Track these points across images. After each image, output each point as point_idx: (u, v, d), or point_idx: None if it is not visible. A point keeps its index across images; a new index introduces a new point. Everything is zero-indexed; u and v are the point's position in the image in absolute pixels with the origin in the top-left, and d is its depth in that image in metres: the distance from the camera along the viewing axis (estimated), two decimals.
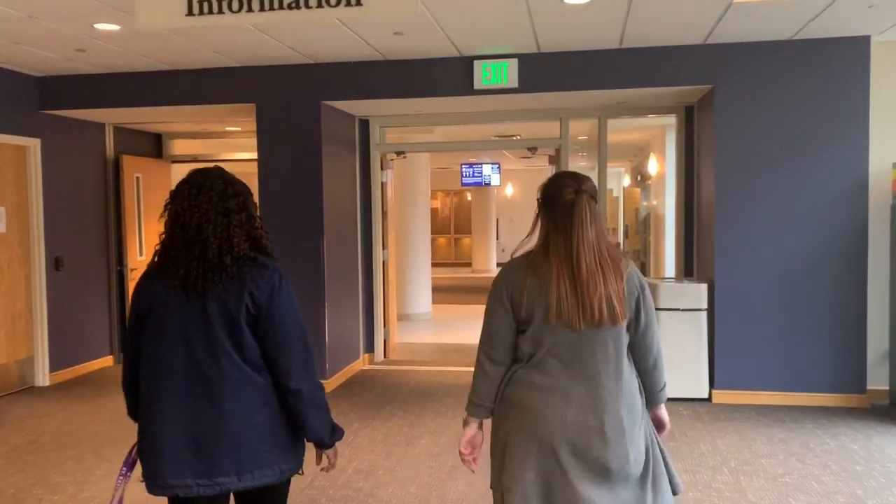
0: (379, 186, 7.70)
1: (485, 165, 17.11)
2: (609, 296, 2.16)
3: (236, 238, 2.20)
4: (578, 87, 6.16)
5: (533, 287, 2.21)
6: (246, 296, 2.16)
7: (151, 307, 2.23)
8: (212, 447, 2.15)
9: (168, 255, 2.21)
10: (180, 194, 2.24)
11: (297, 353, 2.21)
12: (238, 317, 2.15)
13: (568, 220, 2.21)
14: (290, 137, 6.52)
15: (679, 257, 7.16)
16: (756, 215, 5.95)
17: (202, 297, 2.17)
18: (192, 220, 2.18)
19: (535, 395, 2.20)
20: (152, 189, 8.34)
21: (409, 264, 10.84)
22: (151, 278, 2.26)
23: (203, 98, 6.64)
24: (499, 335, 2.27)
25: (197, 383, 2.16)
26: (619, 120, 7.39)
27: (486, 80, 6.15)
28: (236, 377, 2.17)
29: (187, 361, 2.17)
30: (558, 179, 2.33)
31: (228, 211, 2.21)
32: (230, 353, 2.16)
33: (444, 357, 8.08)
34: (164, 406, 2.17)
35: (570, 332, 2.18)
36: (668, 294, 6.07)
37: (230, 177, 2.30)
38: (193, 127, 8.35)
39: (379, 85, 6.40)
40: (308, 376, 2.24)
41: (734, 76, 5.94)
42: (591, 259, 2.18)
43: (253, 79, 6.54)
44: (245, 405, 2.17)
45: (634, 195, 12.86)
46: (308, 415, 2.24)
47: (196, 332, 2.17)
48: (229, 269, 2.16)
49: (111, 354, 7.87)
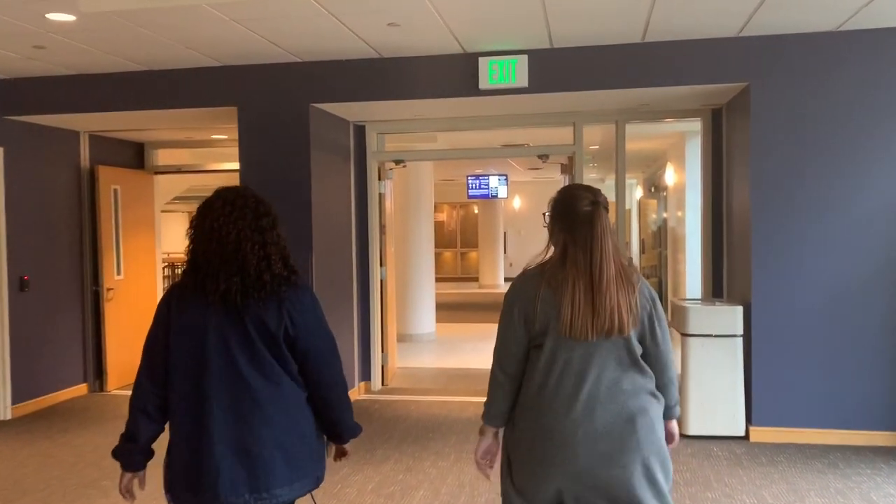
0: (376, 198, 7.06)
1: (492, 177, 16.57)
2: (621, 307, 2.18)
3: (273, 256, 2.24)
4: (595, 86, 5.51)
5: (547, 299, 2.22)
6: (285, 316, 2.21)
7: (188, 326, 2.22)
8: (265, 460, 2.18)
9: (203, 270, 2.21)
10: (213, 210, 2.23)
11: (335, 368, 2.32)
12: (277, 335, 2.20)
13: (588, 233, 2.22)
14: (276, 143, 5.89)
15: (706, 276, 6.47)
16: (799, 229, 5.27)
17: (240, 313, 2.19)
18: (230, 237, 2.19)
19: (548, 406, 2.20)
20: (132, 202, 7.73)
21: (412, 281, 10.18)
22: (184, 294, 2.25)
23: (180, 101, 6.02)
24: (511, 348, 2.28)
25: (245, 398, 2.18)
26: (634, 127, 6.70)
27: (493, 80, 5.50)
28: (281, 390, 2.22)
29: (233, 377, 2.18)
30: (572, 191, 2.34)
31: (262, 229, 2.24)
32: (274, 366, 2.21)
33: (448, 384, 7.40)
34: (213, 423, 2.17)
35: (584, 344, 2.19)
36: (698, 318, 5.38)
37: (260, 196, 2.33)
38: (176, 135, 7.75)
39: (373, 85, 5.76)
40: (344, 387, 2.38)
41: (772, 73, 5.27)
42: (611, 270, 2.20)
43: (234, 79, 5.92)
44: (291, 417, 2.23)
45: (651, 207, 12.17)
46: (346, 419, 2.38)
47: (238, 348, 2.19)
48: (267, 287, 2.19)
49: (85, 382, 7.22)
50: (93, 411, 6.55)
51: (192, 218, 2.28)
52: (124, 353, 7.48)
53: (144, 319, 8.14)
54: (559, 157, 7.23)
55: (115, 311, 7.36)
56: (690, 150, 9.16)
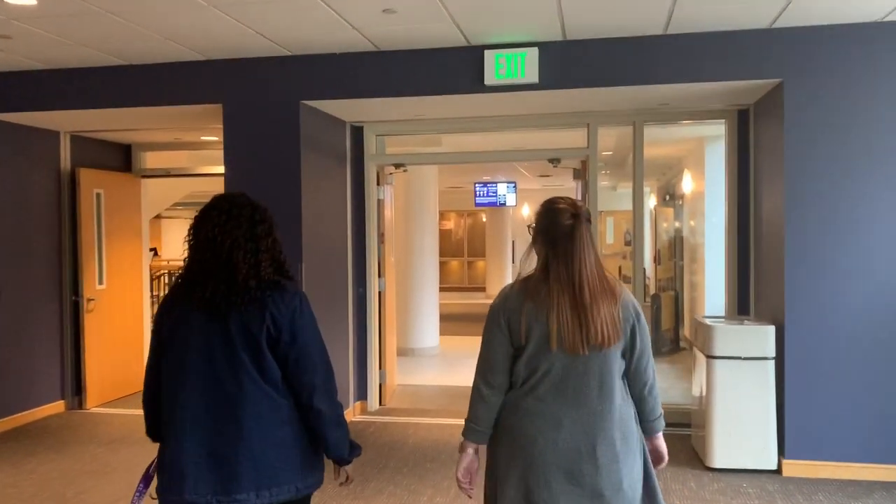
0: (375, 205, 6.58)
1: (500, 184, 16.10)
2: (604, 321, 2.19)
3: (263, 263, 2.25)
4: (612, 82, 5.02)
5: (531, 312, 2.22)
6: (267, 318, 2.20)
7: (174, 328, 2.27)
8: (232, 465, 2.17)
9: (195, 277, 2.25)
10: (210, 220, 2.26)
11: (318, 374, 2.26)
12: (259, 338, 2.20)
13: (568, 246, 2.23)
14: (263, 144, 5.42)
15: (730, 291, 5.96)
16: (838, 242, 4.75)
17: (224, 319, 2.21)
18: (224, 246, 2.23)
19: (528, 420, 2.23)
20: (118, 207, 7.28)
21: (414, 293, 9.69)
22: (174, 300, 2.31)
23: (161, 98, 5.57)
24: (496, 361, 2.28)
25: (219, 402, 2.19)
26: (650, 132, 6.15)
27: (500, 75, 5.02)
28: (257, 396, 2.20)
29: (209, 380, 2.20)
30: (553, 204, 2.33)
31: (257, 237, 2.26)
32: (251, 372, 2.20)
33: (451, 404, 6.89)
34: (186, 424, 2.20)
35: (564, 357, 2.20)
36: (725, 339, 4.87)
37: (256, 203, 2.33)
38: (164, 136, 7.30)
39: (369, 81, 5.29)
40: (329, 396, 2.29)
41: (808, 69, 4.77)
42: (594, 284, 2.21)
43: (218, 74, 5.46)
44: (265, 424, 2.20)
45: (666, 216, 11.65)
46: (329, 433, 2.29)
47: (218, 352, 2.20)
48: (252, 292, 2.21)
49: (62, 399, 6.76)
50: (68, 432, 6.08)
51: (190, 227, 2.32)
52: (106, 367, 7.02)
53: (129, 331, 7.79)
54: (571, 161, 6.73)
55: (96, 322, 6.90)
56: (711, 156, 8.66)
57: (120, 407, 6.90)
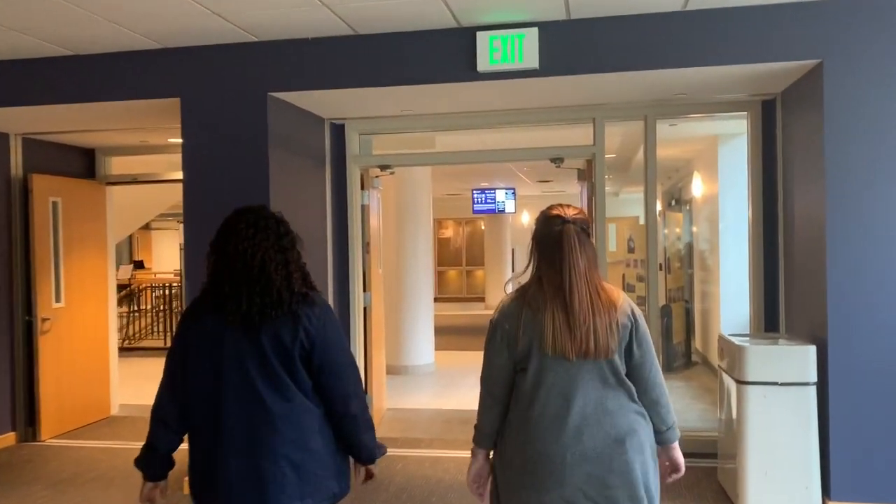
0: (358, 211, 5.93)
1: (498, 191, 15.52)
2: (597, 328, 2.18)
3: (294, 275, 2.30)
4: (624, 66, 4.38)
5: (528, 319, 2.24)
6: (300, 330, 2.24)
7: (204, 341, 2.28)
8: (276, 475, 2.21)
9: (225, 291, 2.26)
10: (238, 233, 2.28)
11: (350, 381, 2.32)
12: (293, 350, 2.24)
13: (557, 251, 2.24)
14: (226, 143, 4.78)
15: (755, 303, 5.32)
16: (890, 248, 4.10)
17: (257, 331, 2.23)
18: (256, 259, 2.25)
19: (533, 436, 2.20)
20: (79, 217, 6.63)
21: (407, 306, 9.02)
22: (202, 312, 2.32)
23: (112, 92, 4.93)
24: (499, 373, 2.30)
25: (257, 414, 2.22)
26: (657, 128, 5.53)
27: (494, 60, 4.38)
28: (292, 407, 2.24)
29: (246, 392, 2.23)
30: (546, 212, 2.36)
31: (284, 249, 2.31)
32: (286, 384, 2.24)
33: (446, 432, 6.22)
34: (227, 438, 2.22)
35: (567, 366, 2.19)
36: (758, 361, 4.20)
37: (279, 215, 2.38)
38: (129, 139, 6.65)
39: (345, 69, 4.65)
40: (361, 402, 2.34)
41: (854, 47, 4.13)
42: (582, 290, 2.21)
43: (176, 64, 4.82)
44: (302, 433, 2.24)
45: (673, 222, 11.01)
46: (363, 437, 2.35)
47: (252, 365, 2.23)
48: (286, 305, 2.24)
49: (13, 430, 6.08)
50: (17, 467, 5.42)
51: (213, 240, 2.34)
52: (64, 394, 6.36)
53: (92, 353, 7.00)
54: (575, 161, 6.09)
55: (52, 344, 6.24)
56: (725, 156, 8.04)
57: (80, 437, 6.24)
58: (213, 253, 2.33)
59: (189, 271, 4.87)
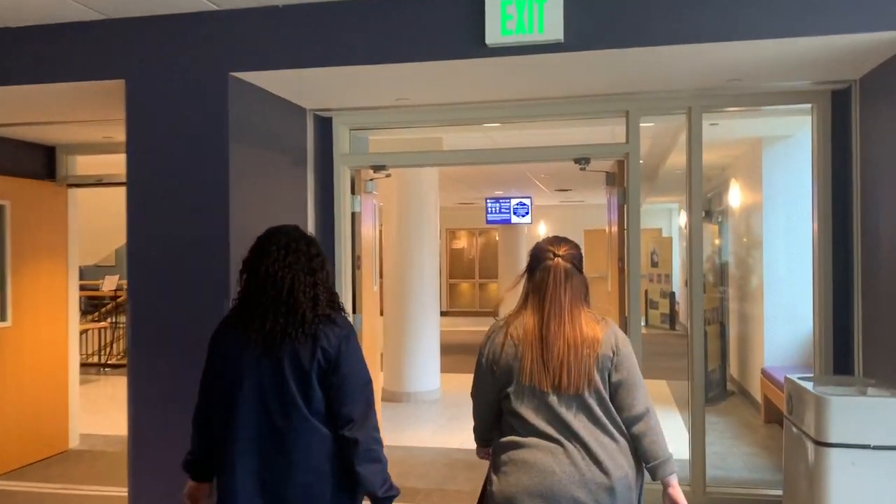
0: (347, 219, 5.05)
1: (513, 199, 14.63)
2: (570, 363, 2.24)
3: (321, 297, 2.34)
4: (669, 38, 3.47)
5: (510, 347, 2.32)
6: (318, 352, 2.28)
7: (226, 358, 2.36)
8: (282, 496, 2.26)
9: (251, 310, 2.32)
10: (269, 255, 2.35)
11: (358, 405, 2.30)
12: (310, 371, 2.27)
13: (543, 283, 2.34)
14: (178, 135, 3.92)
15: (822, 337, 4.38)
16: None
17: (277, 351, 2.28)
18: (285, 282, 2.31)
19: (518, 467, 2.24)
20: (35, 223, 5.84)
21: (410, 324, 8.12)
22: (228, 329, 2.40)
23: (47, 73, 4.08)
24: (484, 396, 2.42)
25: (269, 434, 2.27)
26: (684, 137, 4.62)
27: (507, 30, 3.49)
28: (304, 429, 2.27)
29: (260, 413, 2.28)
30: (542, 244, 2.46)
31: (314, 271, 2.36)
32: (300, 406, 2.26)
33: (448, 480, 5.30)
34: (238, 456, 2.27)
35: (548, 396, 2.24)
36: (846, 416, 3.25)
37: (309, 236, 2.46)
38: (91, 135, 5.84)
39: (323, 44, 3.77)
40: (366, 428, 2.31)
41: None
42: (561, 325, 2.28)
43: (120, 40, 3.97)
44: (312, 456, 2.27)
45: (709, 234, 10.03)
46: (360, 465, 2.29)
47: (269, 385, 2.28)
48: (308, 327, 2.29)
49: None
50: None
51: (245, 259, 2.41)
52: (10, 425, 5.53)
53: (46, 376, 5.72)
54: (603, 164, 5.19)
55: None
56: (771, 161, 7.10)
57: (24, 478, 5.40)
58: (245, 272, 2.39)
59: (134, 290, 4.01)
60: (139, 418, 3.98)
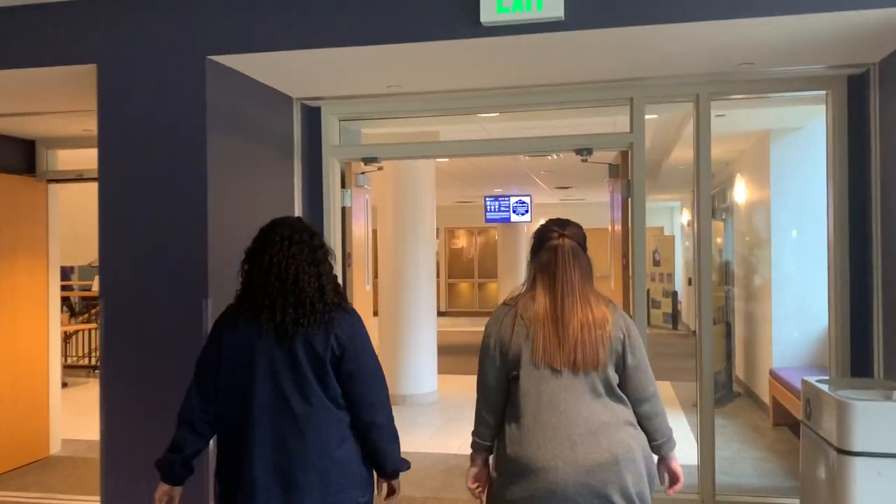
0: (337, 214, 4.82)
1: (512, 198, 14.39)
2: (585, 341, 2.24)
3: (327, 287, 2.36)
4: (680, 15, 3.23)
5: (520, 328, 2.30)
6: (332, 338, 2.30)
7: (237, 349, 2.33)
8: (299, 481, 2.26)
9: (259, 300, 2.32)
10: (273, 245, 2.35)
11: (378, 389, 2.37)
12: (325, 358, 2.29)
13: (552, 263, 2.33)
14: (153, 124, 3.67)
15: (838, 338, 4.15)
16: None
17: (290, 340, 2.29)
18: (290, 271, 2.32)
19: (527, 449, 2.22)
20: (10, 219, 5.57)
21: (406, 325, 7.87)
22: (235, 321, 2.37)
23: (13, 58, 3.84)
24: (491, 380, 2.35)
25: (285, 420, 2.27)
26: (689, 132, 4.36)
27: (504, 7, 3.24)
28: (321, 414, 2.28)
29: (276, 400, 2.28)
30: (546, 225, 2.45)
31: (318, 261, 2.38)
32: (317, 391, 2.29)
33: (445, 487, 5.05)
34: (256, 442, 2.27)
35: (558, 376, 2.24)
36: (871, 423, 3.01)
37: (312, 227, 2.46)
38: (72, 127, 5.60)
39: (308, 24, 3.53)
40: (386, 410, 2.38)
41: None
42: (574, 304, 2.28)
43: (90, 21, 3.73)
44: (329, 440, 2.29)
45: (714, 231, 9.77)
46: (388, 446, 2.37)
47: (284, 372, 2.29)
48: (318, 315, 2.30)
49: None
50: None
51: (248, 249, 2.40)
52: None
53: (23, 379, 5.33)
54: (606, 154, 4.95)
55: None
56: (779, 154, 6.85)
57: (3, 486, 5.15)
58: (248, 263, 2.39)
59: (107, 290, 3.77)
60: (112, 422, 3.77)
